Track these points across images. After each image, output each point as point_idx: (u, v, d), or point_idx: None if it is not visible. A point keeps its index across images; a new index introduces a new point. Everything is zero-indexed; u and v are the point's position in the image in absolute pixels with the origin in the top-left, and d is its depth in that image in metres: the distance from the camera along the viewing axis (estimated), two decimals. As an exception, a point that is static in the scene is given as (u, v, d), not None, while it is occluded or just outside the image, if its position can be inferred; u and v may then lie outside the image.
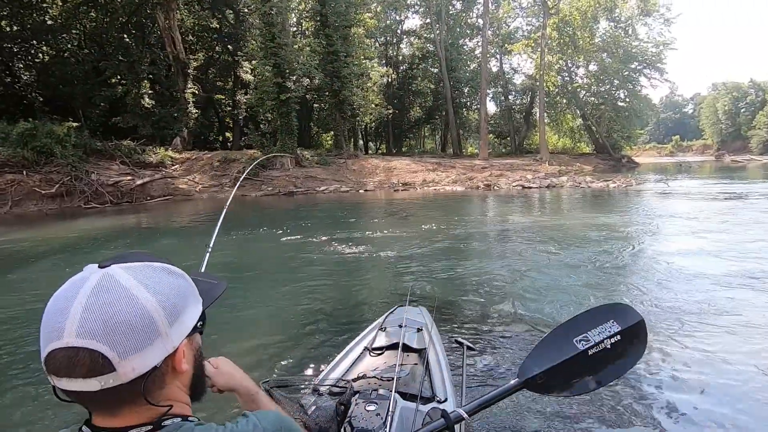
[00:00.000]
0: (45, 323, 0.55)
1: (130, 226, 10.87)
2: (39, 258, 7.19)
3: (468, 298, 4.51)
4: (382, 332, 2.24)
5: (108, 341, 0.53)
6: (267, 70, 18.25)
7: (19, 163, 13.47)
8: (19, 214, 12.82)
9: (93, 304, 0.54)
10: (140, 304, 0.56)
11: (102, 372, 0.53)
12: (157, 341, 0.57)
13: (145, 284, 0.58)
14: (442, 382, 1.89)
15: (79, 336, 0.52)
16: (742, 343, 3.19)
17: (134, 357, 0.55)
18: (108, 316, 0.54)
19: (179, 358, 0.61)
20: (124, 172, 16.15)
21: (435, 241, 7.22)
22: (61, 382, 0.54)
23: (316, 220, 10.92)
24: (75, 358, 0.52)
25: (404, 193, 16.66)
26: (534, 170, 19.79)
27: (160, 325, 0.57)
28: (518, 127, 36.63)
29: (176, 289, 0.62)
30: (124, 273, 0.58)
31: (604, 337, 1.13)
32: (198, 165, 19.26)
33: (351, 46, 22.23)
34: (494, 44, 36.16)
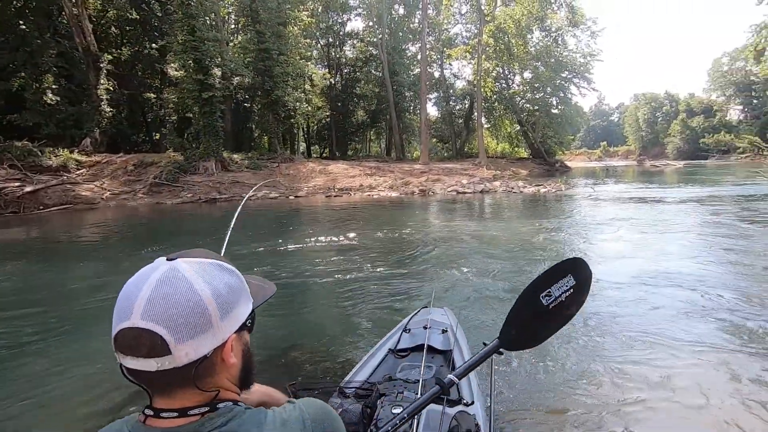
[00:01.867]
0: (117, 306, 0.62)
1: (10, 242, 9.20)
2: None
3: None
4: (406, 334, 2.24)
5: (167, 326, 0.59)
6: (188, 66, 16.76)
7: None
8: None
9: (158, 292, 0.60)
10: (197, 297, 0.61)
11: (160, 353, 0.59)
12: (209, 332, 0.62)
13: (203, 278, 0.63)
14: (469, 385, 1.86)
15: (143, 318, 0.59)
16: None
17: (188, 343, 0.60)
18: (169, 304, 0.60)
19: (228, 351, 0.65)
20: (12, 177, 14.04)
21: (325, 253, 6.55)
22: (126, 360, 0.61)
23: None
24: (139, 337, 0.59)
25: (338, 199, 15.90)
26: (470, 175, 19.80)
27: (212, 317, 0.62)
28: (459, 131, 37.15)
29: (229, 286, 0.66)
30: (187, 266, 0.64)
31: (562, 291, 1.25)
32: (109, 169, 17.33)
33: (285, 45, 21.17)
34: (435, 50, 36.49)
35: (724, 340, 3.29)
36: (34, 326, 4.10)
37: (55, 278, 5.85)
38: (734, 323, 3.58)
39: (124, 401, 2.68)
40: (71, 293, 5.20)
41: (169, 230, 10.68)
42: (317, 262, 6.24)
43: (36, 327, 4.08)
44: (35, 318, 4.31)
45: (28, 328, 4.04)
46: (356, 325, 3.97)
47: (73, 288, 5.42)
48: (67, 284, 5.57)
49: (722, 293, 4.29)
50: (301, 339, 3.70)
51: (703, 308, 3.96)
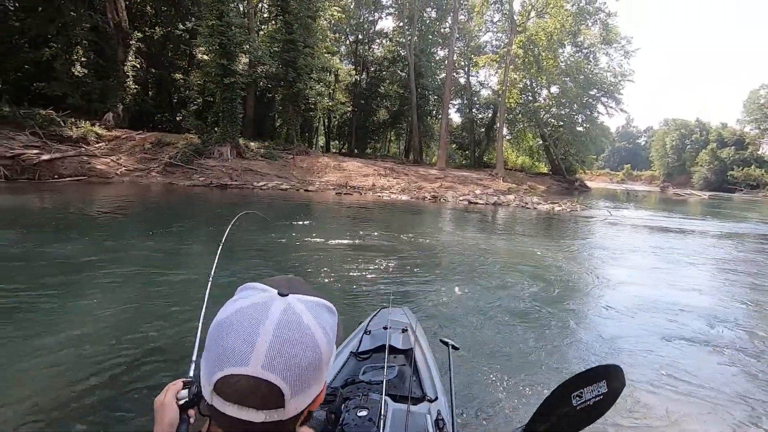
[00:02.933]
0: (226, 343, 0.55)
1: (20, 210, 9.29)
2: None
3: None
4: (367, 336, 2.23)
5: (287, 379, 0.55)
6: (213, 50, 16.82)
7: None
8: None
9: (279, 339, 0.55)
10: (317, 346, 0.57)
11: (273, 407, 0.55)
12: (319, 381, 0.59)
13: (320, 324, 0.59)
14: (431, 382, 1.88)
15: (264, 368, 0.54)
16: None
17: (301, 396, 0.57)
18: (292, 354, 0.55)
19: (321, 397, 0.63)
20: (32, 144, 14.28)
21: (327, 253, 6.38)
22: (228, 408, 0.55)
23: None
24: (257, 389, 0.54)
25: (348, 197, 15.75)
26: (485, 185, 19.46)
27: (323, 365, 0.59)
28: (479, 140, 36.71)
29: (333, 329, 0.63)
30: (303, 308, 0.59)
31: (593, 396, 1.26)
32: (128, 145, 17.51)
33: (312, 37, 21.12)
34: (463, 56, 36.14)
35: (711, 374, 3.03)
36: (27, 294, 4.03)
37: (56, 248, 5.81)
38: (732, 359, 3.30)
39: (114, 373, 2.57)
40: (68, 264, 5.14)
41: (177, 212, 10.67)
42: (296, 258, 6.12)
43: (30, 295, 4.01)
44: (30, 285, 4.25)
45: (23, 295, 3.97)
46: None
47: (70, 259, 5.36)
48: (67, 255, 5.53)
49: (723, 330, 4.00)
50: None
51: (688, 341, 3.70)
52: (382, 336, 2.15)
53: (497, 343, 3.62)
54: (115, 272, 4.96)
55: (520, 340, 3.70)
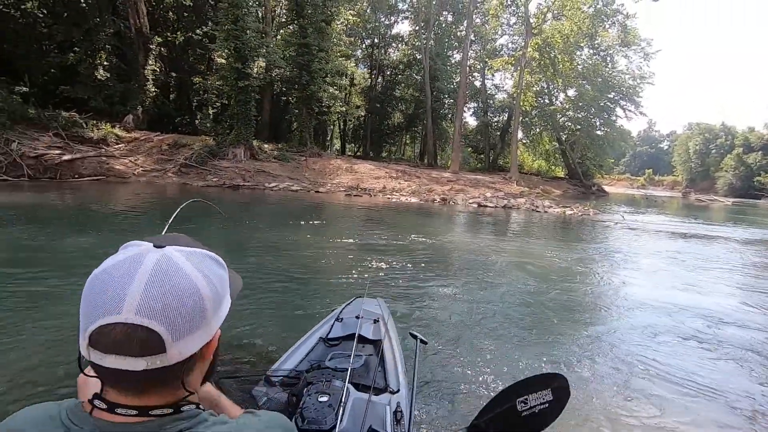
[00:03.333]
0: (97, 295, 0.54)
1: (41, 206, 9.69)
2: None
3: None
4: (338, 323, 2.25)
5: (166, 322, 0.53)
6: (229, 54, 17.21)
7: (-76, 122, 12.07)
8: None
9: (154, 284, 0.54)
10: (197, 290, 0.57)
11: (153, 352, 0.53)
12: (203, 328, 0.58)
13: (201, 270, 0.59)
14: (396, 374, 1.89)
15: (138, 313, 0.53)
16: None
17: (183, 341, 0.56)
18: (169, 298, 0.54)
19: (213, 345, 0.63)
20: (55, 144, 14.83)
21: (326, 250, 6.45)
22: (106, 359, 0.53)
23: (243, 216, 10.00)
24: (133, 335, 0.52)
25: (358, 198, 15.86)
26: (497, 189, 19.31)
27: (208, 312, 0.58)
28: (494, 144, 36.44)
29: (221, 279, 0.63)
30: (182, 257, 0.59)
31: (538, 403, 1.34)
32: (146, 146, 18.02)
33: (326, 41, 21.38)
34: (479, 59, 36.00)
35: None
36: (33, 285, 4.23)
37: (71, 241, 6.05)
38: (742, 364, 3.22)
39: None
40: (80, 254, 5.36)
41: (186, 210, 10.92)
42: (283, 254, 6.23)
43: (35, 286, 4.21)
44: (35, 278, 4.45)
45: (30, 286, 4.17)
46: (289, 315, 3.89)
47: (82, 252, 5.59)
48: (81, 247, 5.77)
49: (729, 333, 3.89)
50: (225, 322, 3.54)
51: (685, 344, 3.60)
52: (353, 324, 2.18)
53: (470, 340, 3.63)
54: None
55: (495, 339, 3.69)
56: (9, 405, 2.36)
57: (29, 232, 6.57)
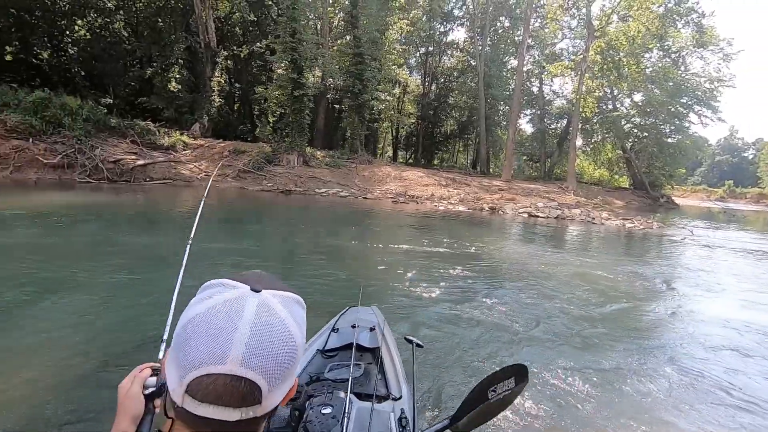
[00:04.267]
0: (199, 342, 0.52)
1: (115, 205, 10.76)
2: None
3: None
4: (334, 333, 2.24)
5: (267, 375, 0.53)
6: (284, 66, 18.07)
7: (27, 131, 13.80)
8: (18, 179, 13.10)
9: (257, 335, 0.53)
10: (293, 340, 0.56)
11: (251, 404, 0.53)
12: (294, 375, 0.58)
13: (294, 318, 0.58)
14: (396, 380, 1.89)
15: (243, 365, 0.51)
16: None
17: (277, 391, 0.55)
18: (270, 350, 0.53)
19: (293, 392, 0.61)
20: (130, 151, 16.34)
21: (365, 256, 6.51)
22: (202, 408, 0.52)
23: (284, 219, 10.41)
24: (236, 387, 0.51)
25: (404, 205, 15.91)
26: (550, 198, 18.51)
27: (298, 359, 0.58)
28: (551, 152, 35.01)
29: (304, 323, 0.62)
30: (277, 303, 0.58)
31: (504, 390, 1.47)
32: (209, 153, 19.32)
33: (379, 50, 21.80)
34: (537, 65, 34.89)
35: None
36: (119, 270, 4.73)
37: (141, 239, 6.68)
38: None
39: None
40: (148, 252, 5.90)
41: (237, 211, 11.59)
42: (296, 259, 6.31)
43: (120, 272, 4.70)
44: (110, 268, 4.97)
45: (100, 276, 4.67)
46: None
47: (150, 248, 6.14)
48: (150, 245, 6.34)
49: None
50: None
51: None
52: (350, 334, 2.17)
53: (468, 343, 3.62)
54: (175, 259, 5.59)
55: (494, 343, 3.68)
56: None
57: (108, 227, 7.33)
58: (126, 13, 24.47)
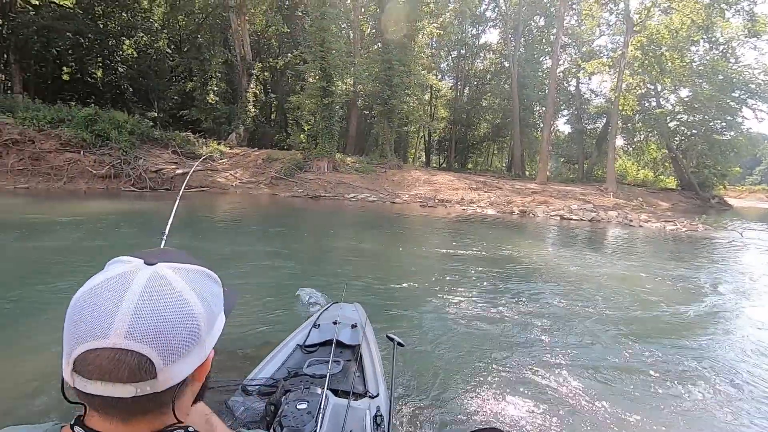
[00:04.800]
0: (82, 317, 0.50)
1: (156, 211, 11.46)
2: (56, 228, 7.71)
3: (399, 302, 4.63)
4: (315, 329, 2.23)
5: (157, 346, 0.50)
6: (314, 75, 18.53)
7: (78, 144, 14.92)
8: (70, 189, 14.18)
9: (145, 305, 0.50)
10: (191, 310, 0.54)
11: (143, 378, 0.50)
12: (195, 349, 0.54)
13: (194, 288, 0.56)
14: (375, 378, 1.89)
15: (128, 338, 0.49)
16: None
17: (176, 364, 0.52)
18: (161, 320, 0.51)
19: (206, 368, 0.58)
20: (171, 160, 17.28)
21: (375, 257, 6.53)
22: (91, 386, 0.50)
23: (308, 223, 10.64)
24: (122, 361, 0.49)
25: (431, 209, 15.85)
26: (586, 200, 17.81)
27: (202, 332, 0.55)
28: (589, 152, 33.71)
29: (216, 297, 0.59)
30: (174, 274, 0.55)
31: None
32: (244, 161, 20.06)
33: (408, 56, 21.90)
34: (574, 63, 33.80)
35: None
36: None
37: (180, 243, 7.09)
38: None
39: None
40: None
41: (275, 217, 11.98)
42: (295, 262, 6.39)
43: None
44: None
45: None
46: (267, 321, 3.84)
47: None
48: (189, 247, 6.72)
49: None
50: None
51: None
52: (331, 330, 2.18)
53: (448, 343, 3.58)
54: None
55: (486, 346, 3.63)
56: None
57: (149, 232, 7.83)
58: (170, 32, 26.03)
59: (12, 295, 4.26)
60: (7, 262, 5.55)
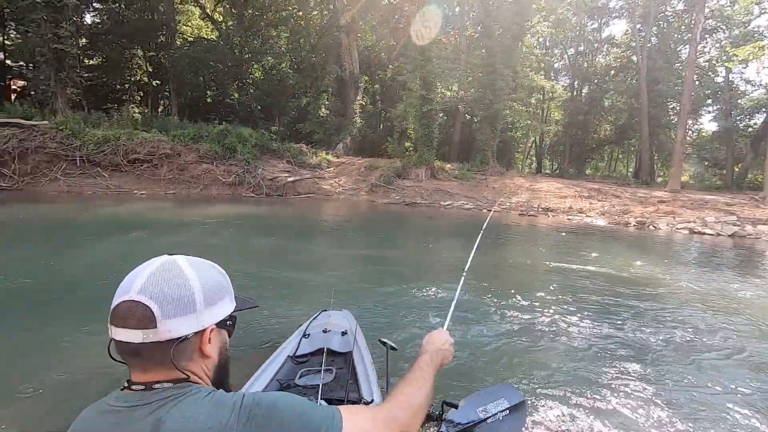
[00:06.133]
0: (120, 287, 0.73)
1: (273, 216, 12.95)
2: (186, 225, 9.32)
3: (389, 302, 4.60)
4: (305, 339, 2.22)
5: (157, 301, 0.69)
6: (414, 84, 18.86)
7: (212, 156, 17.45)
8: (205, 194, 16.69)
9: (155, 275, 0.72)
10: (188, 282, 0.72)
11: (147, 326, 0.68)
12: (191, 315, 0.72)
13: (197, 272, 0.75)
14: (368, 384, 1.88)
15: (139, 293, 0.69)
16: None
17: (173, 320, 0.69)
18: (163, 284, 0.70)
19: (206, 339, 0.75)
20: (285, 169, 19.16)
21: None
22: (116, 332, 0.69)
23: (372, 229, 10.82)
24: (132, 309, 0.68)
25: (532, 218, 14.86)
26: (730, 212, 14.86)
27: (198, 303, 0.72)
28: (740, 155, 28.16)
29: (217, 283, 0.78)
30: (184, 261, 0.77)
31: (498, 410, 1.45)
32: (349, 169, 21.30)
33: (513, 59, 21.00)
34: (722, 50, 28.70)
35: None
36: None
37: (295, 243, 7.98)
38: None
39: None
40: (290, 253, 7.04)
41: (370, 223, 12.54)
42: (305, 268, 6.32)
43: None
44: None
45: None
46: (255, 332, 3.73)
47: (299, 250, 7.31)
48: (300, 247, 7.55)
49: None
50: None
51: None
52: (321, 339, 2.16)
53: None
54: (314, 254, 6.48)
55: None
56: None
57: (270, 233, 8.92)
58: (292, 54, 28.96)
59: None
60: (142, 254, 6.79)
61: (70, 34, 16.31)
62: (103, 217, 10.84)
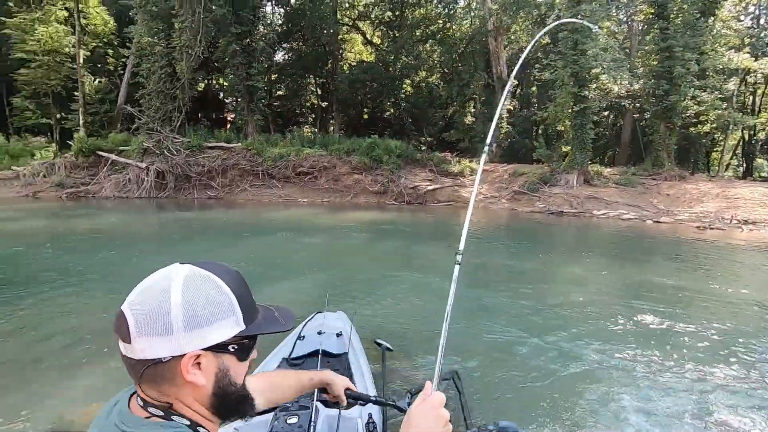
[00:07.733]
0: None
1: (413, 223, 13.73)
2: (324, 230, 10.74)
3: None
4: (300, 341, 2.23)
5: (135, 316, 0.64)
6: (566, 82, 17.19)
7: (362, 167, 19.17)
8: (354, 202, 18.44)
9: (144, 289, 0.67)
10: (167, 301, 0.65)
11: (125, 339, 0.64)
12: (167, 337, 0.63)
13: (184, 288, 0.66)
14: (364, 385, 1.92)
15: (128, 303, 0.66)
16: None
17: (145, 339, 0.63)
18: (144, 298, 0.65)
19: (185, 363, 0.65)
20: (426, 178, 19.73)
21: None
22: (119, 342, 0.67)
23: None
24: (119, 318, 0.66)
25: (718, 232, 11.93)
26: None
27: (174, 325, 0.64)
28: None
29: (208, 303, 0.67)
30: (183, 273, 0.68)
31: None
32: (491, 177, 20.64)
33: (697, 38, 17.30)
34: None
35: None
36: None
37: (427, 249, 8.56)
38: None
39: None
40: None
41: (498, 232, 12.08)
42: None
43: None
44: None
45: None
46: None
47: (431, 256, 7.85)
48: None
49: None
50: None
51: None
52: (316, 341, 2.16)
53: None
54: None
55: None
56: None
57: (406, 239, 9.73)
58: (441, 66, 29.68)
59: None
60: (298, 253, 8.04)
61: (257, 71, 20.19)
62: (273, 220, 13.25)
